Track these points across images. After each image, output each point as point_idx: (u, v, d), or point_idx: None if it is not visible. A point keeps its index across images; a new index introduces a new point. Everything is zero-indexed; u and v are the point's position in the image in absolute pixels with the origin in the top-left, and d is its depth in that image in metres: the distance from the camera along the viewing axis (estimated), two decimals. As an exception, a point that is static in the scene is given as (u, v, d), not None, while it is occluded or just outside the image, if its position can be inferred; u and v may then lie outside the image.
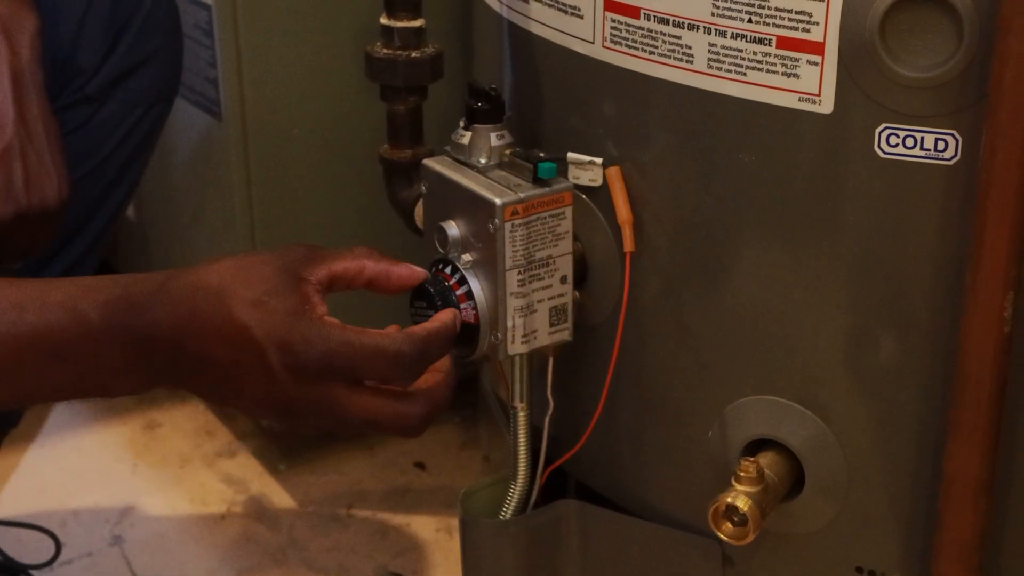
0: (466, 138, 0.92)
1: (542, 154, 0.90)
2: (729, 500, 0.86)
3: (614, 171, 0.91)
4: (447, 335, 0.85)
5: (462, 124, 0.93)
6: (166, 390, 0.87)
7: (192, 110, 1.40)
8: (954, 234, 0.79)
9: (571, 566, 1.01)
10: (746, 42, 0.82)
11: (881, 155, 0.80)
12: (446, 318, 0.86)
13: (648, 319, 0.93)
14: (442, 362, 0.85)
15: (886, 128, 0.79)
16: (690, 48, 0.84)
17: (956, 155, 0.78)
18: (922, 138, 0.79)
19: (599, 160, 0.91)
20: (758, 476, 0.86)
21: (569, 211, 0.90)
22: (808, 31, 0.79)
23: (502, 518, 0.99)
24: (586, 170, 0.91)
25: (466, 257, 0.90)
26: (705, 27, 0.83)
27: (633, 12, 0.87)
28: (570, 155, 0.92)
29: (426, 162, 0.94)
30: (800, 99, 0.81)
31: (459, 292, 0.89)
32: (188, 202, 1.51)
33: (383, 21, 0.99)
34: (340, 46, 1.35)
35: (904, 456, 0.86)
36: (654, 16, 0.86)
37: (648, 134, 0.89)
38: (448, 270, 0.90)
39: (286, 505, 1.48)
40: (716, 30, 0.83)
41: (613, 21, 0.88)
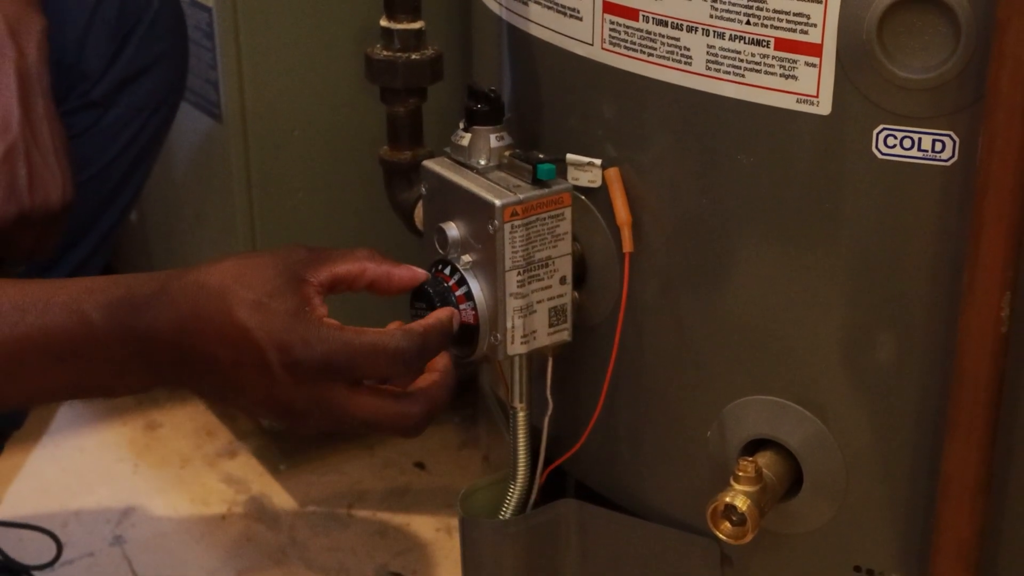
0: (466, 140, 0.92)
1: (541, 155, 0.90)
2: (728, 500, 0.86)
3: (613, 172, 0.91)
4: (444, 331, 0.85)
5: (462, 126, 0.93)
6: (167, 390, 0.87)
7: (193, 112, 1.40)
8: (951, 235, 0.80)
9: (570, 566, 1.01)
10: (744, 44, 0.82)
11: (879, 156, 0.80)
12: (443, 315, 0.86)
13: (647, 319, 0.93)
14: (441, 362, 0.85)
15: (884, 129, 0.79)
16: (688, 50, 0.84)
17: (953, 156, 0.78)
18: (919, 139, 0.79)
19: (598, 161, 0.91)
20: (756, 476, 0.86)
21: (568, 212, 0.91)
22: (806, 33, 0.80)
23: (502, 518, 0.99)
24: (585, 171, 0.92)
25: (466, 258, 0.90)
26: (703, 29, 0.83)
27: (632, 14, 0.87)
28: (569, 156, 0.92)
29: (426, 163, 0.94)
30: (798, 100, 0.81)
31: (458, 293, 0.89)
32: (189, 203, 1.51)
33: (383, 23, 0.99)
34: (340, 48, 1.35)
35: (902, 455, 0.86)
36: (653, 18, 0.86)
37: (647, 135, 0.89)
38: (448, 271, 0.90)
39: (286, 505, 1.48)
40: (714, 32, 0.83)
41: (612, 23, 0.88)
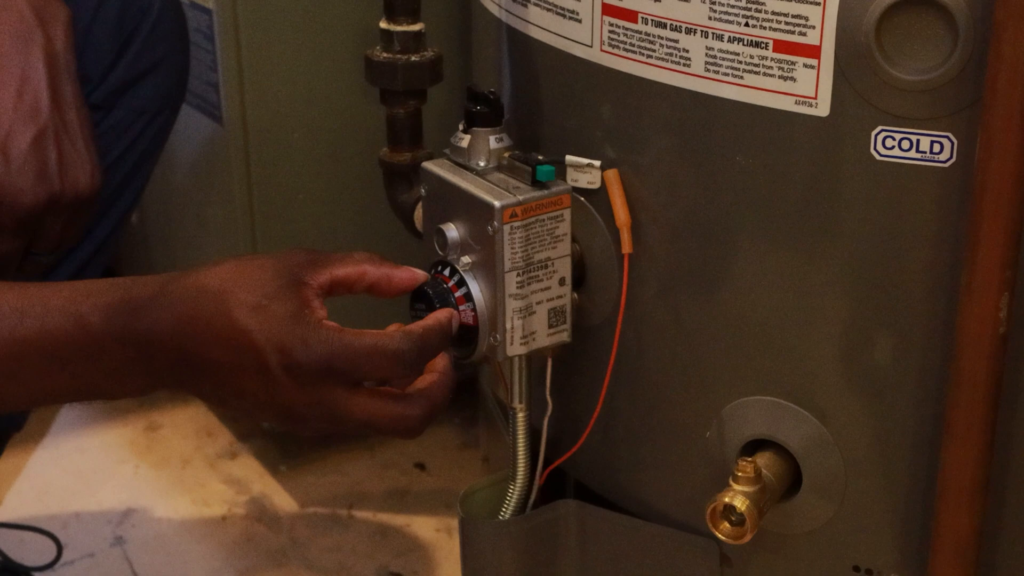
0: (465, 141, 0.92)
1: (541, 157, 0.90)
2: (727, 500, 0.86)
3: (612, 173, 0.91)
4: (444, 332, 0.85)
5: (461, 127, 0.93)
6: (167, 392, 0.87)
7: (193, 114, 1.40)
8: (949, 236, 0.80)
9: (570, 566, 1.01)
10: (743, 45, 0.82)
11: (877, 157, 0.80)
12: (442, 316, 0.86)
13: (646, 320, 0.93)
14: (441, 363, 0.85)
15: (882, 131, 0.79)
16: (687, 51, 0.85)
17: (952, 157, 0.78)
18: (918, 141, 0.79)
19: (597, 163, 0.91)
20: (756, 476, 0.86)
21: (567, 213, 0.91)
22: (804, 34, 0.80)
23: (501, 518, 0.99)
24: (584, 172, 0.92)
25: (465, 259, 0.90)
26: (702, 31, 0.84)
27: (631, 16, 0.87)
28: (568, 158, 0.92)
29: (425, 165, 0.94)
30: (796, 102, 0.81)
31: (458, 294, 0.89)
32: (189, 205, 1.51)
33: (383, 25, 0.99)
34: (340, 50, 1.35)
35: (901, 456, 0.86)
36: (651, 20, 0.86)
37: (646, 137, 0.89)
38: (447, 272, 0.90)
39: (287, 506, 1.48)
40: (713, 33, 0.83)
41: (611, 25, 0.88)
